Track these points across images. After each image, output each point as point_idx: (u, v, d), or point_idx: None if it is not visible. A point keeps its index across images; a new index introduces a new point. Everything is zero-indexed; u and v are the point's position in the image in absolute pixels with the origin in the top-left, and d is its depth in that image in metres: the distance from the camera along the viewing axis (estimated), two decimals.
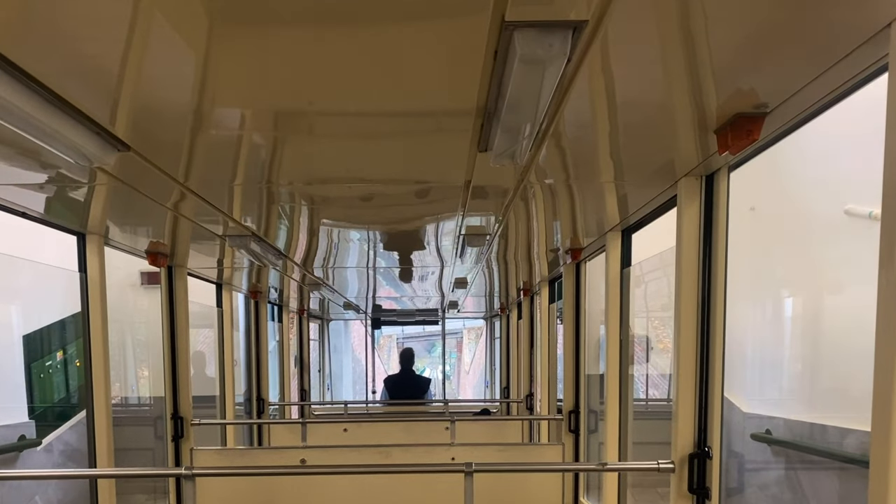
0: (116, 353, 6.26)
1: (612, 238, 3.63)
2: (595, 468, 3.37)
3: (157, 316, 4.85)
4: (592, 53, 1.50)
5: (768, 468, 3.76)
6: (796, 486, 3.77)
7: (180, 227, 3.71)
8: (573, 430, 4.72)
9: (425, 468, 3.46)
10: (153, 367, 6.46)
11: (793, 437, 3.50)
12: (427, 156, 2.41)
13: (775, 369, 3.81)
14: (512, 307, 9.68)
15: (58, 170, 2.47)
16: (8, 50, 1.44)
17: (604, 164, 2.54)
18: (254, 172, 2.59)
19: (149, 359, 6.51)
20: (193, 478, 2.71)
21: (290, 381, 9.17)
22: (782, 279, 3.72)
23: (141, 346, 6.71)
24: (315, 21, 1.40)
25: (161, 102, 1.83)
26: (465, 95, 1.75)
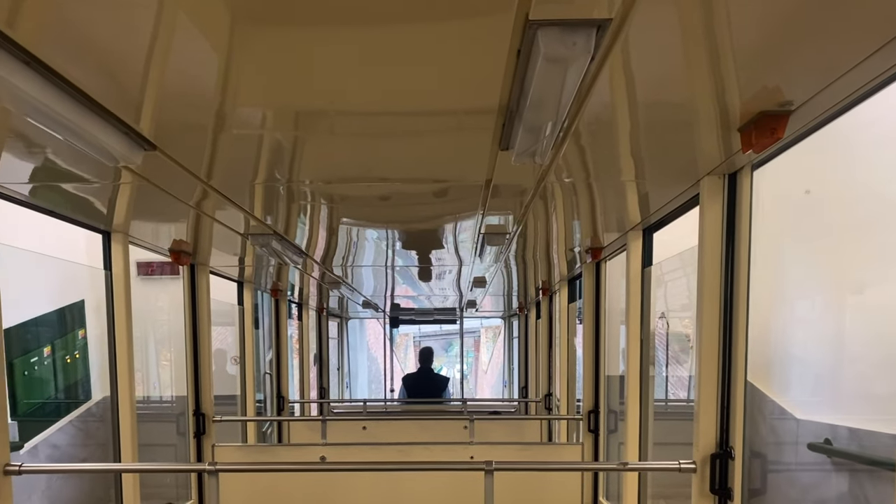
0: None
1: (633, 237, 3.62)
2: (616, 468, 3.36)
3: (158, 310, 4.63)
4: (616, 51, 1.49)
5: (828, 482, 3.31)
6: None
7: (203, 226, 3.75)
8: (593, 430, 4.70)
9: (445, 466, 3.47)
10: (154, 363, 6.33)
11: (860, 449, 3.03)
12: (448, 155, 2.41)
13: (837, 371, 3.35)
14: (530, 307, 9.66)
15: (85, 169, 2.52)
16: (41, 51, 1.47)
17: (625, 163, 2.53)
18: (275, 171, 2.62)
19: (149, 356, 6.29)
20: (217, 473, 2.74)
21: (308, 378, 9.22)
22: (848, 268, 3.20)
23: (140, 342, 6.30)
24: (338, 22, 1.41)
25: (186, 102, 1.86)
26: (487, 94, 1.76)
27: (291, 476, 4.43)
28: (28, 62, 1.49)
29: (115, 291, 3.56)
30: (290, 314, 8.56)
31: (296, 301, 8.75)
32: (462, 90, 1.77)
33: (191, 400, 4.71)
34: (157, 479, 4.95)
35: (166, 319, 6.20)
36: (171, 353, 6.20)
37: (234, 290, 6.17)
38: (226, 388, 6.40)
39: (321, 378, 10.55)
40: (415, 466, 3.83)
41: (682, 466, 2.64)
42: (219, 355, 6.67)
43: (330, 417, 6.12)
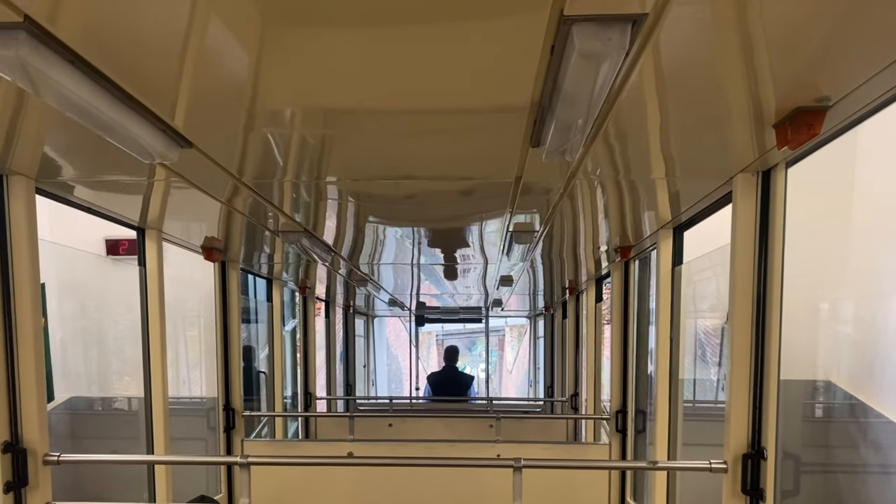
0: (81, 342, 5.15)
1: (664, 235, 3.59)
2: (645, 466, 3.34)
3: (128, 295, 3.90)
4: (650, 47, 1.49)
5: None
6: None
7: (234, 223, 3.81)
8: (620, 430, 4.67)
9: (473, 462, 3.48)
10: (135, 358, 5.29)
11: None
12: (478, 152, 2.42)
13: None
14: (557, 306, 9.62)
15: (122, 166, 2.57)
16: (85, 50, 1.51)
17: (656, 160, 2.51)
18: (305, 169, 2.65)
19: (125, 348, 5.37)
20: (249, 466, 2.78)
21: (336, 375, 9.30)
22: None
23: (110, 336, 5.56)
24: (370, 22, 1.42)
25: (220, 100, 1.89)
26: (519, 91, 1.76)
27: (319, 471, 4.47)
28: (73, 61, 1.52)
29: (149, 288, 3.63)
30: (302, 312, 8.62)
31: (323, 298, 8.82)
32: (494, 87, 1.77)
33: (220, 395, 4.78)
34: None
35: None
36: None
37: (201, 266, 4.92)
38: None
39: (347, 375, 10.62)
40: (443, 462, 3.85)
41: (712, 466, 2.62)
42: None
43: (357, 414, 6.17)
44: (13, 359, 2.57)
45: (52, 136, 2.24)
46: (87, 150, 2.41)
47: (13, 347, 2.57)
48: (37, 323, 2.62)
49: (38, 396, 2.62)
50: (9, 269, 2.57)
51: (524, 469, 2.79)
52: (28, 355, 2.60)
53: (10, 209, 2.55)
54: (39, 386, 2.62)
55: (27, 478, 2.63)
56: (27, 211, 2.59)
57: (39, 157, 2.46)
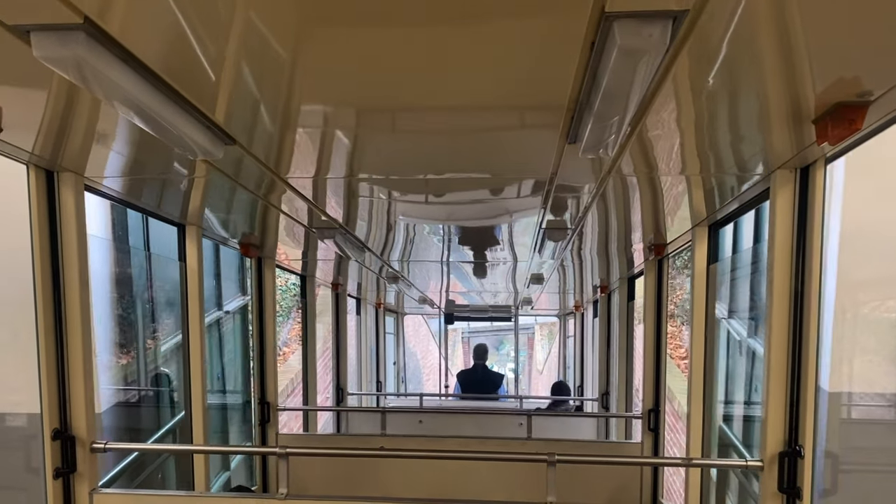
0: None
1: (699, 233, 3.57)
2: (680, 462, 3.32)
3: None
4: (691, 43, 1.50)
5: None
6: None
7: (270, 219, 3.88)
8: (652, 428, 4.65)
9: (508, 456, 3.50)
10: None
11: None
12: (515, 149, 2.44)
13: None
14: (587, 305, 9.58)
15: (167, 163, 2.65)
16: (137, 49, 1.57)
17: (693, 157, 2.51)
18: (341, 166, 2.70)
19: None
20: (287, 457, 2.84)
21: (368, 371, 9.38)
22: None
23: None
24: (409, 21, 1.45)
25: (261, 98, 1.94)
26: (558, 88, 1.78)
27: (351, 465, 4.53)
28: (126, 60, 1.58)
29: (189, 282, 3.72)
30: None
31: (355, 296, 8.91)
32: (533, 84, 1.79)
33: (256, 389, 4.86)
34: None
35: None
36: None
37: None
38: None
39: (378, 371, 10.70)
40: (476, 456, 3.87)
41: (749, 464, 2.61)
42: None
43: (389, 409, 6.23)
44: (63, 350, 2.66)
45: (101, 134, 2.32)
46: (133, 148, 2.48)
47: (64, 339, 2.66)
48: (86, 316, 2.71)
49: (86, 386, 2.71)
50: (59, 263, 2.65)
51: (557, 465, 2.81)
52: (77, 347, 2.69)
53: (60, 205, 2.64)
54: (88, 376, 2.71)
55: (76, 464, 2.72)
56: (76, 207, 2.68)
57: (88, 155, 2.54)
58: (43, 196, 2.61)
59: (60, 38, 1.43)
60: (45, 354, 2.63)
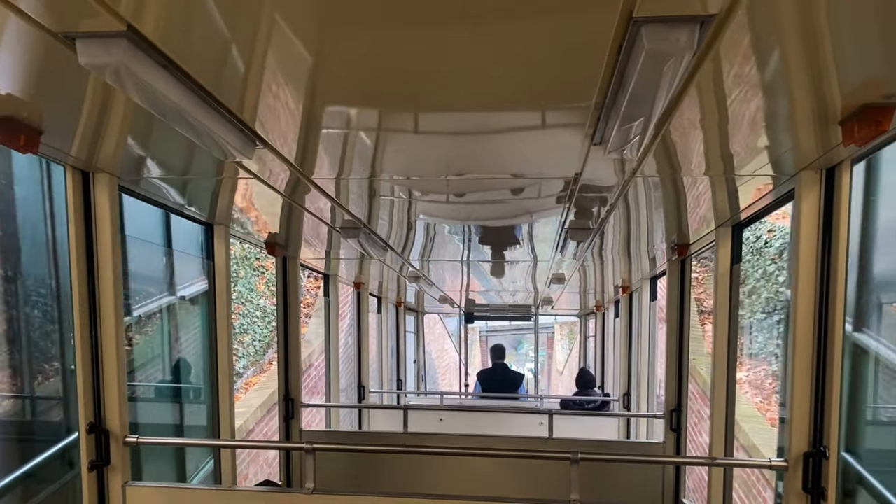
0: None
1: (723, 233, 3.57)
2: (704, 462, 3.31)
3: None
4: (718, 47, 1.51)
5: None
6: None
7: (295, 219, 3.94)
8: (675, 428, 4.65)
9: (530, 454, 3.53)
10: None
11: None
12: (540, 149, 2.47)
13: None
14: (608, 305, 9.56)
15: (198, 164, 2.71)
16: (176, 55, 1.62)
17: (717, 158, 2.52)
18: (367, 167, 2.74)
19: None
20: (314, 452, 2.90)
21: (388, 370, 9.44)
22: None
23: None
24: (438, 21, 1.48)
25: (290, 100, 1.98)
26: (585, 89, 1.80)
27: (373, 462, 4.58)
28: (166, 66, 1.64)
29: (217, 281, 3.78)
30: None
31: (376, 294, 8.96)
32: (560, 85, 1.82)
33: (281, 386, 4.93)
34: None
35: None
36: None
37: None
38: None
39: (398, 370, 10.76)
40: (501, 453, 3.90)
41: (773, 464, 2.61)
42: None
43: (411, 407, 6.28)
44: (98, 347, 2.74)
45: (135, 136, 2.39)
46: (164, 150, 2.55)
47: (98, 336, 2.73)
48: (119, 313, 2.78)
49: (119, 382, 2.78)
50: (94, 262, 2.73)
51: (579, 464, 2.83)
52: (110, 344, 2.76)
53: (96, 205, 2.71)
54: (120, 372, 2.78)
55: (109, 458, 2.79)
56: (111, 207, 2.75)
57: (122, 156, 2.61)
58: (79, 196, 2.68)
59: (104, 45, 1.49)
60: (81, 350, 2.71)
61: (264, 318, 10.40)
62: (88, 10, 1.39)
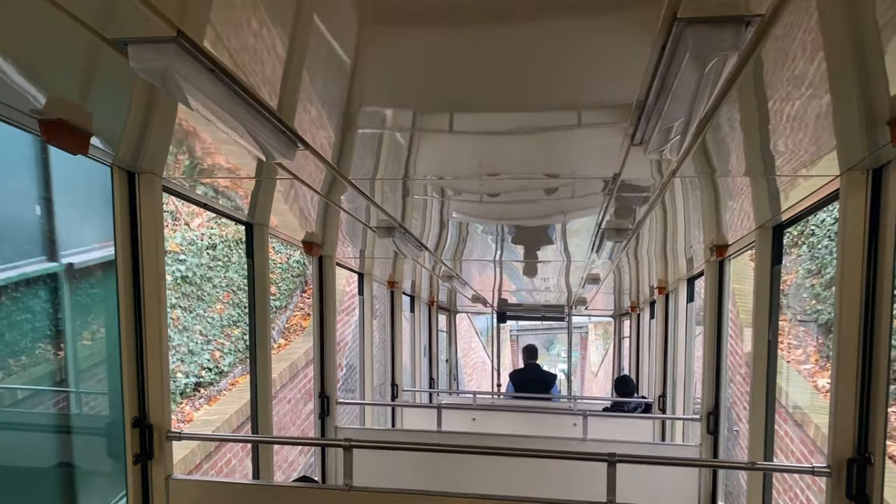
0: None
1: (762, 235, 3.51)
2: (744, 466, 3.26)
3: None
4: (763, 47, 1.50)
5: None
6: None
7: (332, 219, 3.99)
8: (712, 432, 4.59)
9: (567, 455, 3.51)
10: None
11: None
12: (577, 150, 2.46)
13: None
14: (644, 306, 9.46)
15: (241, 166, 2.77)
16: (223, 60, 1.66)
17: (759, 159, 2.48)
18: (406, 167, 2.76)
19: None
20: (351, 449, 2.93)
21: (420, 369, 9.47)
22: None
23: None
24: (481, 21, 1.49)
25: (330, 102, 2.01)
26: (626, 89, 1.80)
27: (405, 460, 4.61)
28: (213, 70, 1.68)
29: (257, 279, 3.85)
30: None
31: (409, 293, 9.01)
32: (602, 85, 1.81)
33: (317, 383, 4.99)
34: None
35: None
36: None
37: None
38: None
39: (431, 369, 10.80)
40: (537, 454, 3.89)
41: (815, 469, 2.56)
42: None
43: (444, 405, 6.30)
44: (142, 343, 2.81)
45: (179, 138, 2.44)
46: (208, 151, 2.60)
47: (142, 333, 2.80)
48: (162, 310, 2.85)
49: (162, 377, 2.85)
50: (139, 260, 2.79)
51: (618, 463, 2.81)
52: (154, 340, 2.83)
53: (140, 204, 2.78)
54: (164, 368, 2.85)
55: (153, 451, 2.86)
56: (155, 206, 2.81)
57: (166, 158, 2.67)
58: (125, 196, 2.75)
59: (155, 50, 1.53)
60: (126, 346, 2.78)
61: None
62: (140, 17, 1.43)
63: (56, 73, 1.81)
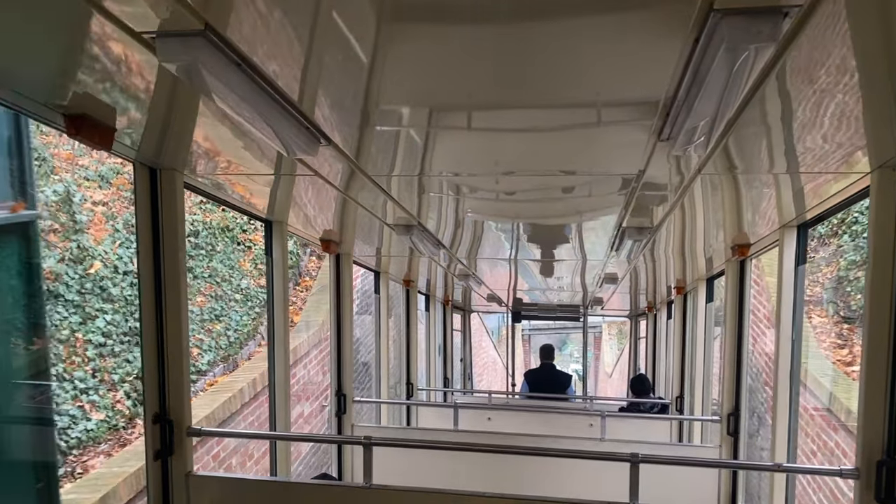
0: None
1: (787, 234, 3.47)
2: (769, 467, 3.21)
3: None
4: (801, 39, 1.46)
5: None
6: None
7: (349, 216, 3.98)
8: (732, 433, 4.54)
9: (589, 455, 3.49)
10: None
11: None
12: (602, 147, 2.43)
13: None
14: (661, 306, 9.39)
15: (263, 162, 2.76)
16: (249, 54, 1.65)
17: (787, 156, 2.44)
18: (428, 164, 2.74)
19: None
20: (371, 447, 2.92)
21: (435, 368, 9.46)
22: None
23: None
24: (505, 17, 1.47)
25: (352, 99, 2.00)
26: (655, 84, 1.77)
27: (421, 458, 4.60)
28: (239, 64, 1.67)
29: (275, 276, 3.85)
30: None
31: (424, 292, 8.99)
32: (629, 80, 1.79)
33: (334, 381, 4.99)
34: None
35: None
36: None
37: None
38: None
39: (445, 368, 10.78)
40: (559, 454, 3.86)
41: (843, 471, 2.52)
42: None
43: (460, 405, 6.28)
44: (163, 339, 2.81)
45: (201, 134, 2.44)
46: (230, 147, 2.60)
47: (164, 328, 2.80)
48: (184, 306, 2.85)
49: (183, 373, 2.85)
50: (161, 256, 2.80)
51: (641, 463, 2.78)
52: (175, 336, 2.83)
53: (162, 200, 2.78)
54: (185, 364, 2.85)
55: (173, 447, 2.86)
56: (176, 202, 2.81)
57: (188, 154, 2.67)
58: (146, 192, 2.75)
59: (183, 43, 1.52)
60: (147, 342, 2.78)
61: (246, 301, 8.33)
62: (169, 10, 1.43)
63: (83, 68, 1.81)
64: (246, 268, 8.71)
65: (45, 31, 1.58)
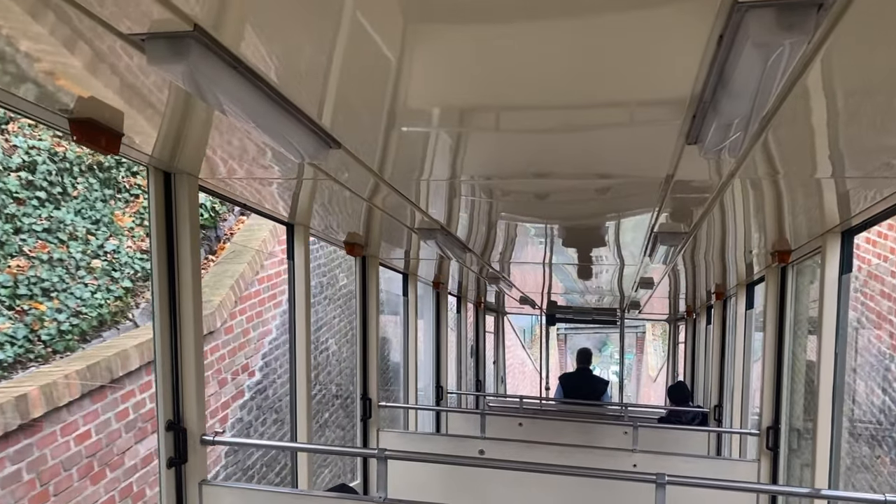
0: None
1: (831, 240, 3.27)
2: (807, 493, 3.02)
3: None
4: (837, 34, 1.32)
5: None
6: None
7: (374, 220, 3.91)
8: (771, 448, 4.33)
9: (611, 475, 3.35)
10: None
11: None
12: (628, 149, 2.30)
13: None
14: (700, 311, 9.13)
15: (277, 166, 2.70)
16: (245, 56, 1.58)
17: (826, 158, 2.27)
18: (447, 168, 2.65)
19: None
20: (386, 459, 2.84)
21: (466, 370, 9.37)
22: None
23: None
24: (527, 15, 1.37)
25: (364, 101, 1.91)
26: (679, 84, 1.64)
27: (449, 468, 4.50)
28: (235, 66, 1.59)
29: (297, 280, 3.80)
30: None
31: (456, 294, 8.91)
32: (653, 80, 1.66)
33: (359, 385, 4.93)
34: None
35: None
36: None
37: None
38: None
39: (477, 371, 10.68)
40: (579, 472, 3.73)
41: (888, 499, 2.34)
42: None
43: (489, 412, 6.17)
44: (177, 345, 2.77)
45: (215, 138, 2.39)
46: (244, 151, 2.54)
47: (178, 335, 2.76)
48: (198, 312, 2.81)
49: (197, 381, 2.81)
50: (175, 261, 2.76)
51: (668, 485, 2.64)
52: (189, 342, 2.79)
53: (176, 204, 2.75)
54: (199, 371, 2.81)
55: (187, 455, 2.83)
56: (191, 206, 2.78)
57: (202, 158, 2.63)
58: (161, 196, 2.72)
59: (172, 45, 1.45)
60: (161, 349, 2.75)
61: (112, 271, 5.86)
62: (155, 11, 1.36)
63: (80, 72, 1.76)
64: (124, 224, 6.22)
65: (38, 36, 1.53)
